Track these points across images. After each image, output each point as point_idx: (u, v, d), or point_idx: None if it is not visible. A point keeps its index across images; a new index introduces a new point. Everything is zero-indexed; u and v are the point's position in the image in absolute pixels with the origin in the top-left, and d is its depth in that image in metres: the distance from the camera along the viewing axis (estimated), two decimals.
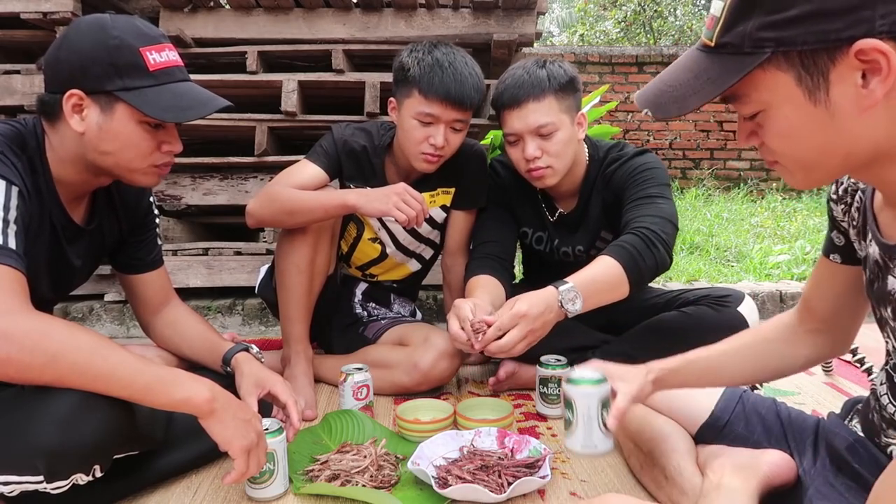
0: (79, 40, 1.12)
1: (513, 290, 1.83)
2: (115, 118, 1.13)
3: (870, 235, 0.87)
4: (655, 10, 8.98)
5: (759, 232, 4.37)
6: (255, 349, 1.43)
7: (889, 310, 0.84)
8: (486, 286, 1.66)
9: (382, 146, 1.82)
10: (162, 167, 1.22)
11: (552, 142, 1.62)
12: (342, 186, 1.86)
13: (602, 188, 1.76)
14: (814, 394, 1.79)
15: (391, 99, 1.73)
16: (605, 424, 1.05)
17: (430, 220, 1.89)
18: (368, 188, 1.67)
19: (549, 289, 1.41)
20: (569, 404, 1.06)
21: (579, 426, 1.05)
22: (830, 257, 1.02)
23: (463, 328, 1.43)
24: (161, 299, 1.48)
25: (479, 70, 1.69)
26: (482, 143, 2.96)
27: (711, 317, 1.65)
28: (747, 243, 3.98)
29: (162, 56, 1.15)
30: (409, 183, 1.81)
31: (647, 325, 1.71)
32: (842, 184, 0.96)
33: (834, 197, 0.97)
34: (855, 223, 0.93)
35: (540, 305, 1.38)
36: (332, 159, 1.77)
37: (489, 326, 1.39)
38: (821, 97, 0.69)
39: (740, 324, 1.68)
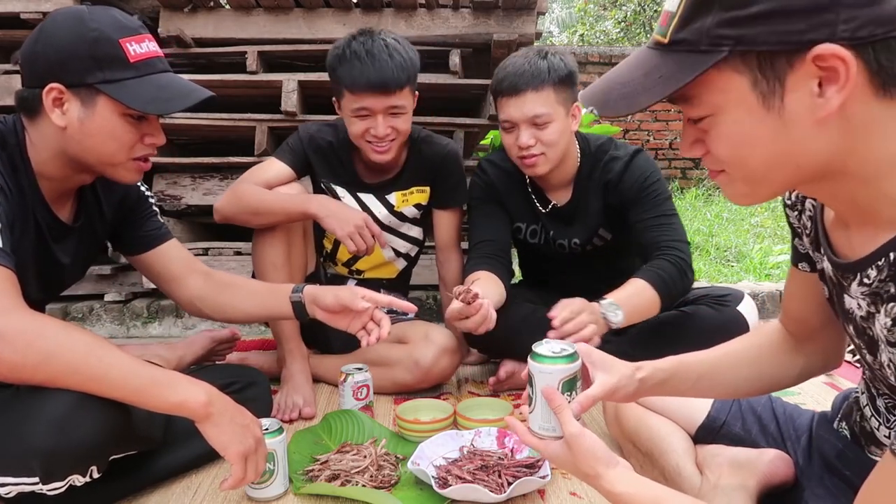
0: (56, 33, 1.09)
1: (513, 290, 1.83)
2: (96, 111, 1.10)
3: (822, 250, 0.84)
4: (655, 10, 8.97)
5: (759, 232, 4.37)
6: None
7: (851, 328, 0.81)
8: (480, 280, 1.66)
9: (348, 139, 1.81)
10: (143, 161, 1.20)
11: (546, 131, 1.64)
12: (314, 183, 1.86)
13: (601, 185, 1.77)
14: (814, 394, 1.79)
15: (333, 98, 1.75)
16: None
17: (402, 216, 1.90)
18: (335, 201, 1.68)
19: (592, 303, 1.47)
20: (530, 379, 0.96)
21: (537, 405, 0.94)
22: (799, 266, 0.96)
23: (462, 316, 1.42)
24: (188, 267, 1.46)
25: (405, 46, 1.67)
26: (482, 142, 2.96)
27: (711, 316, 1.66)
28: (747, 243, 3.98)
29: (142, 47, 1.12)
30: (381, 178, 1.82)
31: (647, 325, 1.71)
32: (794, 189, 0.92)
33: (788, 203, 0.92)
34: (808, 232, 0.89)
35: (589, 308, 1.45)
36: (298, 156, 1.78)
37: (472, 295, 1.41)
38: (775, 104, 0.64)
39: (740, 323, 1.68)
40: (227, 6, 2.51)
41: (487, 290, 1.61)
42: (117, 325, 2.51)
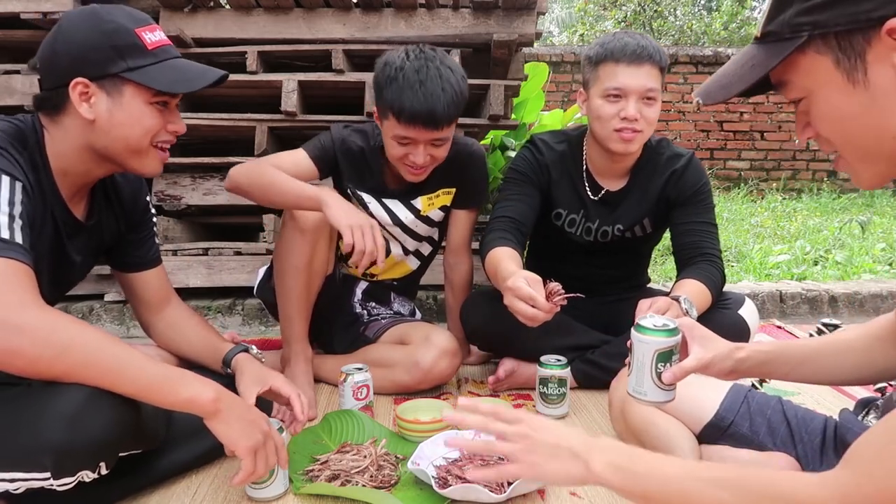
0: (74, 30, 1.13)
1: None
2: (124, 100, 1.14)
3: None
4: (655, 10, 8.97)
5: (759, 232, 4.37)
6: (255, 350, 1.43)
7: None
8: (513, 257, 1.64)
9: (378, 146, 1.81)
10: (165, 150, 1.24)
11: (651, 109, 1.67)
12: (340, 188, 1.85)
13: (663, 175, 1.81)
14: (814, 393, 1.79)
15: (375, 106, 1.69)
16: (659, 377, 1.01)
17: (428, 220, 1.89)
18: (348, 203, 1.61)
19: (672, 300, 1.52)
20: (631, 346, 1.04)
21: (633, 369, 1.04)
22: None
23: (534, 305, 1.40)
24: (161, 298, 1.48)
25: (458, 76, 1.61)
26: (482, 142, 2.96)
27: (712, 320, 1.64)
28: (747, 243, 3.98)
29: (155, 35, 1.19)
30: (408, 185, 1.80)
31: None
32: None
33: None
34: None
35: (674, 307, 1.50)
36: (327, 154, 1.77)
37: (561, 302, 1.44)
38: (859, 78, 0.70)
39: (741, 327, 1.68)
40: (227, 6, 2.51)
41: (517, 264, 1.61)
42: (117, 325, 2.51)
